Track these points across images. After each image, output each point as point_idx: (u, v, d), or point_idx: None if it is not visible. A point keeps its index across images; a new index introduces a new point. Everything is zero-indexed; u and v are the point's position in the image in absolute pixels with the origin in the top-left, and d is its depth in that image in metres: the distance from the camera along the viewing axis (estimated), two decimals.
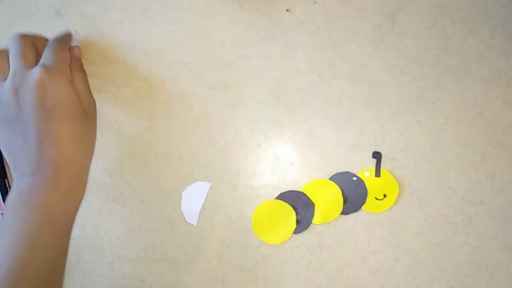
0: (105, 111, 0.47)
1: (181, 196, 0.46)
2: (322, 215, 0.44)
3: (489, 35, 0.44)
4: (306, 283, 0.44)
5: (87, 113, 0.38)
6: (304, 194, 0.44)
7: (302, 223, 0.44)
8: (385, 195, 0.44)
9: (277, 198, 0.45)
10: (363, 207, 0.44)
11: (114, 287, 0.45)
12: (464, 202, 0.43)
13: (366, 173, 0.44)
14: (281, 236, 0.44)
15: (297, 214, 0.44)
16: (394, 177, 0.44)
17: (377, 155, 0.44)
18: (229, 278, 0.44)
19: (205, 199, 0.45)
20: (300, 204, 0.44)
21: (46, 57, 0.37)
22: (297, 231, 0.44)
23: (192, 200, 0.45)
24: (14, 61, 0.36)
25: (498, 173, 0.43)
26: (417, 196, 0.44)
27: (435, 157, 0.44)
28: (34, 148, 0.34)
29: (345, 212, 0.44)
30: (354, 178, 0.44)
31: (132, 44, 0.47)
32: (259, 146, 0.46)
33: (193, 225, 0.45)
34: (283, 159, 0.45)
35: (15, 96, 0.34)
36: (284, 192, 0.45)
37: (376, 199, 0.44)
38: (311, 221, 0.44)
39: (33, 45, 0.38)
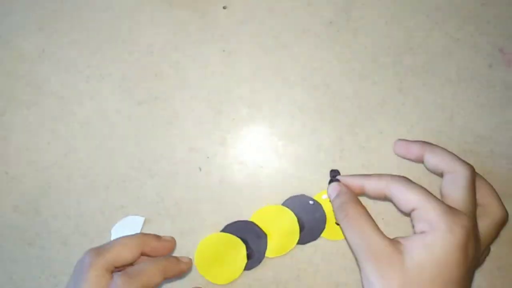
0: (13, 137, 0.40)
1: (110, 233, 0.39)
2: (276, 247, 0.38)
3: (457, 28, 0.39)
4: None
5: None
6: (254, 224, 0.38)
7: (254, 258, 0.38)
8: None
9: (223, 230, 0.38)
10: (322, 234, 0.38)
11: None
12: None
13: (323, 195, 0.38)
14: (230, 274, 0.38)
15: (247, 247, 0.38)
16: None
17: (334, 174, 0.38)
18: None
19: None
20: (250, 235, 0.38)
21: None
22: (248, 266, 0.38)
23: None
24: None
25: None
26: (383, 219, 0.38)
27: (401, 172, 0.38)
28: None
29: (302, 241, 0.38)
30: (311, 202, 0.38)
31: (40, 54, 0.39)
32: (200, 169, 0.39)
33: None
34: (227, 184, 0.39)
35: None
36: (231, 223, 0.38)
37: (337, 224, 0.38)
38: (264, 254, 0.38)
39: None
